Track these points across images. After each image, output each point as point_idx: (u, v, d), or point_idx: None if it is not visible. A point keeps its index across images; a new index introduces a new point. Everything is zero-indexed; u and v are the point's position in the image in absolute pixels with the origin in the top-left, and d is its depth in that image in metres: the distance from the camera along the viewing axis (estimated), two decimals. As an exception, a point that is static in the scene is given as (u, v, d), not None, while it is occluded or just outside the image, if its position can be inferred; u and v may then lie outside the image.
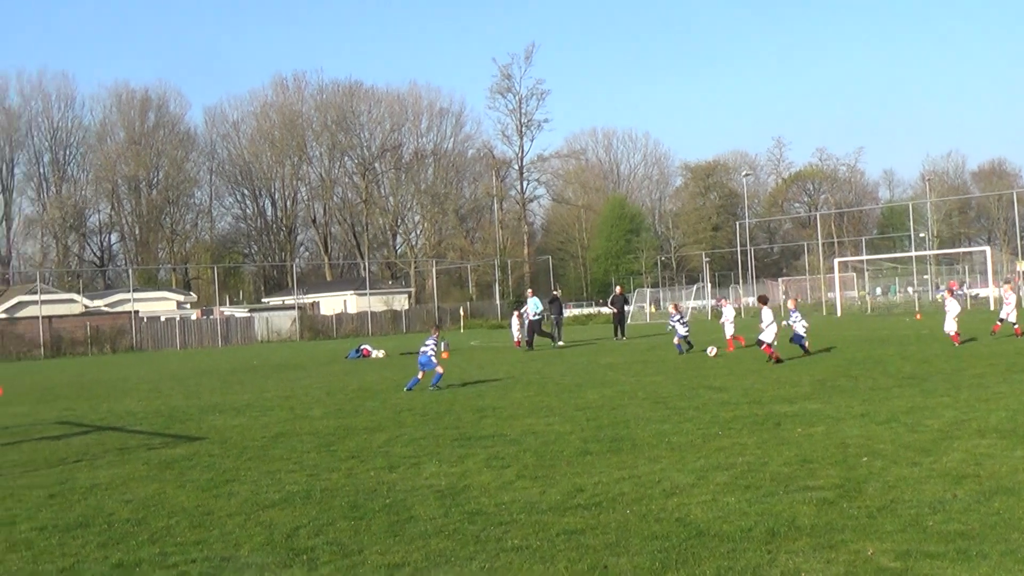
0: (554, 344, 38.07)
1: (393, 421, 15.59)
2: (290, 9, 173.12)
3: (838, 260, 72.66)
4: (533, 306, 36.92)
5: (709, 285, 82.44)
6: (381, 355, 37.35)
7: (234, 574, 7.11)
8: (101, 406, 21.19)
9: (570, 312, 78.70)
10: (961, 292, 70.94)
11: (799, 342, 25.08)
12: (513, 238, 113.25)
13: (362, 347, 38.90)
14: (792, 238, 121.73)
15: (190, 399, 21.87)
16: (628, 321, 47.68)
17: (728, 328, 31.14)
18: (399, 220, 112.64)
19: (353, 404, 18.67)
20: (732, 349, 29.39)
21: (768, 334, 23.83)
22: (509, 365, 28.17)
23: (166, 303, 78.04)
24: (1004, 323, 30.02)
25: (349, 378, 26.12)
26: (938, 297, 29.26)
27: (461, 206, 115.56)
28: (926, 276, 78.72)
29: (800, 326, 25.11)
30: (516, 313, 40.34)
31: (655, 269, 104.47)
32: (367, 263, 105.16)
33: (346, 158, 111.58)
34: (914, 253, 79.99)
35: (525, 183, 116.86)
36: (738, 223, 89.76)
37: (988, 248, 69.91)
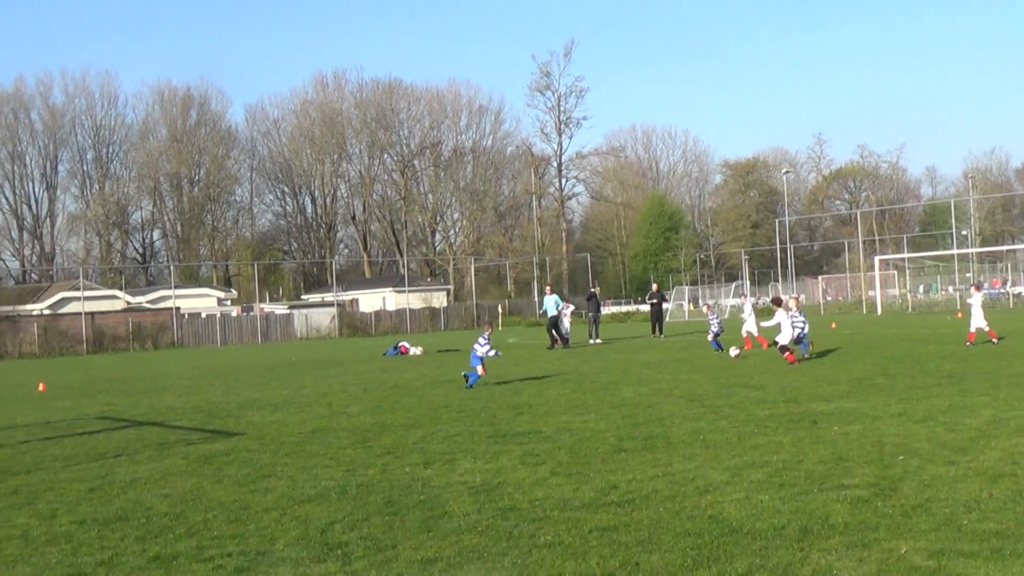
0: (591, 340, 38.08)
1: (429, 418, 15.65)
2: (330, 7, 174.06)
3: (879, 258, 72.18)
4: (552, 304, 36.89)
5: (748, 283, 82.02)
6: (419, 352, 37.46)
7: (269, 568, 7.19)
8: (141, 401, 21.41)
9: (608, 309, 78.58)
10: (999, 290, 70.29)
11: (801, 345, 24.79)
12: (551, 235, 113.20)
13: (400, 344, 39.03)
14: (832, 236, 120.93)
15: (229, 395, 22.05)
16: (666, 319, 47.59)
17: (750, 325, 30.27)
18: (438, 217, 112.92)
19: (390, 401, 18.75)
20: (749, 347, 28.73)
21: (784, 336, 23.57)
22: (546, 362, 28.19)
23: (207, 300, 78.65)
24: None
25: (386, 375, 26.23)
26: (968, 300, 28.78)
27: (500, 203, 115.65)
28: (968, 274, 77.97)
29: (800, 329, 24.75)
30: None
31: (694, 267, 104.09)
32: (406, 260, 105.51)
33: (385, 155, 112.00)
34: (956, 251, 79.25)
35: (564, 180, 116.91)
36: (778, 221, 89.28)
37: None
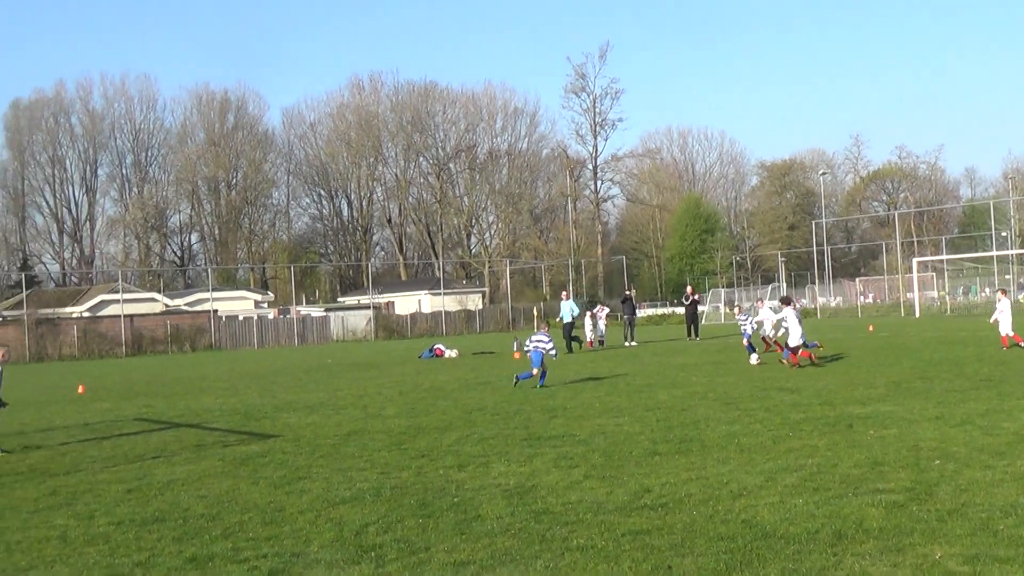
0: (627, 343, 38.06)
1: (464, 420, 15.70)
2: (366, 11, 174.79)
3: (917, 260, 71.59)
4: (568, 310, 36.64)
5: (785, 285, 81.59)
6: (454, 355, 37.55)
7: (304, 570, 7.24)
8: (179, 403, 21.59)
9: (644, 312, 78.41)
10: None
11: (808, 345, 24.33)
12: (587, 238, 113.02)
13: (435, 347, 39.13)
14: (870, 237, 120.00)
15: (265, 397, 22.20)
16: (702, 322, 47.44)
17: (767, 329, 28.74)
18: (473, 220, 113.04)
19: (425, 403, 18.82)
20: (768, 350, 28.01)
21: (794, 338, 23.34)
22: (581, 365, 28.19)
23: (244, 302, 79.15)
24: None
25: (422, 377, 26.32)
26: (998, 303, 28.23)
27: (535, 206, 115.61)
28: (1008, 276, 77.15)
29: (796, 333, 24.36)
30: (589, 313, 40.32)
31: (730, 269, 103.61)
32: (441, 263, 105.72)
33: (421, 158, 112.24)
34: (995, 253, 78.42)
35: (599, 183, 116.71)
36: (815, 222, 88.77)
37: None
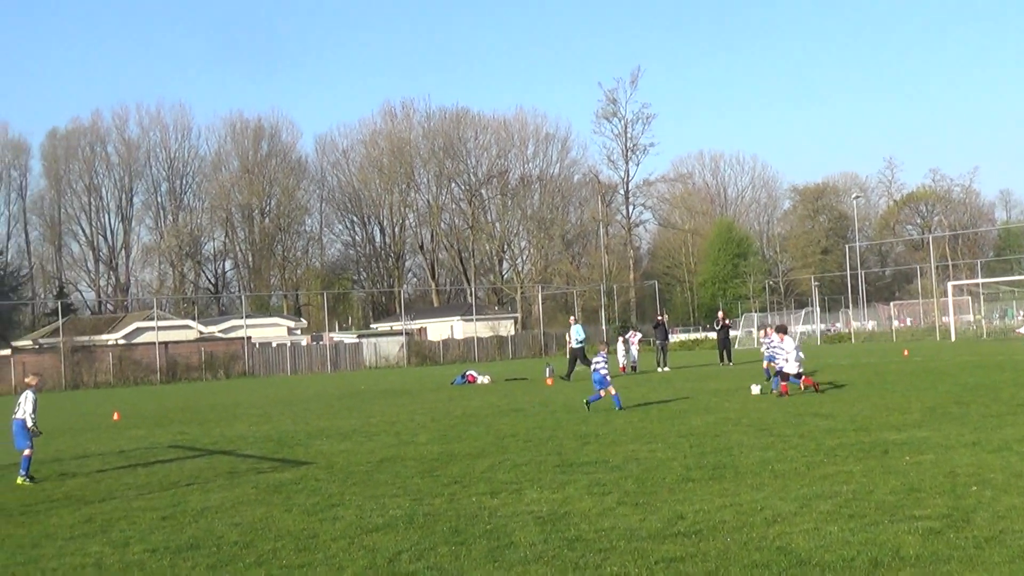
0: (659, 368, 37.97)
1: (496, 447, 15.68)
2: (398, 38, 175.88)
3: (952, 283, 71.06)
4: (576, 334, 36.58)
5: (818, 309, 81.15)
6: (487, 381, 37.54)
7: (337, 597, 7.25)
8: (213, 430, 21.69)
9: (676, 337, 78.16)
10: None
11: (792, 375, 23.75)
12: (619, 263, 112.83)
13: (468, 373, 39.16)
14: (904, 261, 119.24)
15: (298, 424, 22.26)
16: (735, 346, 47.25)
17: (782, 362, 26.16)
18: (505, 246, 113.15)
19: (457, 430, 18.82)
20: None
21: (791, 366, 23.08)
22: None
23: (277, 329, 79.48)
24: None
25: (454, 404, 26.32)
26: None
27: (567, 231, 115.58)
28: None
29: (782, 360, 24.15)
30: (622, 338, 40.24)
31: (763, 293, 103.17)
32: (473, 289, 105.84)
33: (453, 184, 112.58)
34: (1032, 276, 77.76)
35: (631, 208, 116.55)
36: (848, 246, 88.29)
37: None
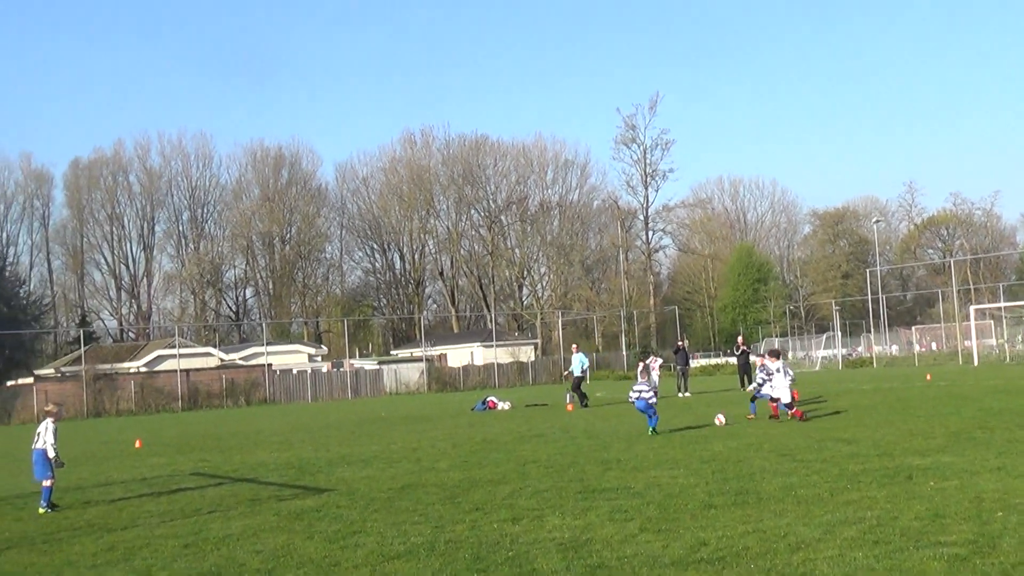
0: (680, 394, 37.86)
1: (517, 473, 15.65)
2: (417, 66, 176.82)
3: (974, 307, 70.67)
4: (578, 363, 36.35)
5: (840, 334, 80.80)
6: (507, 407, 37.49)
7: (359, 625, 7.23)
8: (234, 458, 21.72)
9: (697, 362, 77.92)
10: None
11: (761, 396, 24.10)
12: (639, 288, 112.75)
13: (488, 399, 39.11)
14: (926, 285, 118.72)
15: (319, 451, 22.27)
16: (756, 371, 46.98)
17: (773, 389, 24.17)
18: (525, 272, 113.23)
19: (478, 456, 18.79)
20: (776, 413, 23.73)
21: (780, 391, 22.94)
22: (636, 417, 27.99)
23: (298, 356, 79.58)
24: None
25: (475, 430, 26.29)
26: None
27: (587, 257, 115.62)
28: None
29: (768, 385, 24.13)
30: (642, 364, 40.12)
31: (784, 318, 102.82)
32: (493, 315, 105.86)
33: (473, 211, 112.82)
34: (1055, 299, 77.28)
35: (650, 233, 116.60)
36: (869, 271, 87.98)
37: None
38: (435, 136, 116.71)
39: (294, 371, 67.19)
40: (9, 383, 64.34)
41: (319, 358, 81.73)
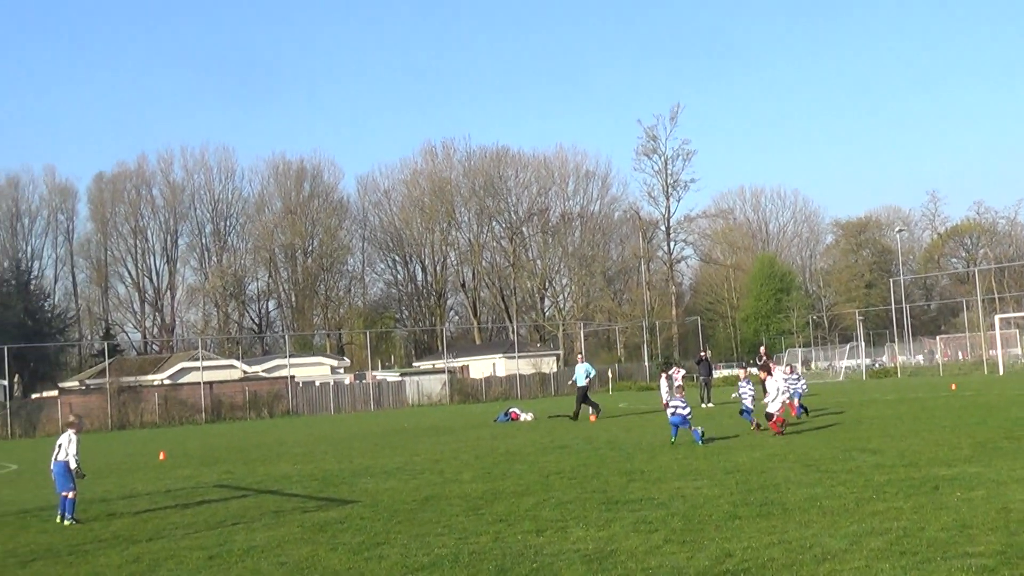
0: (703, 404, 37.75)
1: (541, 484, 15.62)
2: (438, 79, 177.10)
3: (999, 316, 70.23)
4: (583, 373, 36.14)
5: (863, 344, 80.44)
6: (530, 418, 37.47)
7: (384, 636, 7.22)
8: (258, 469, 21.76)
9: (720, 373, 77.69)
10: None
11: (747, 416, 24.05)
12: (661, 299, 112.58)
13: (511, 410, 39.09)
14: (950, 295, 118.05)
15: (343, 462, 22.29)
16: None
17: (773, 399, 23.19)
18: (547, 283, 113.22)
19: (501, 467, 18.77)
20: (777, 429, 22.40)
21: (774, 405, 22.77)
22: (658, 427, 27.92)
23: (321, 368, 79.76)
24: None
25: (497, 441, 26.26)
26: None
27: (608, 268, 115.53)
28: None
29: (748, 399, 24.05)
30: (665, 374, 40.02)
31: (807, 328, 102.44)
32: (515, 326, 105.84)
33: (494, 223, 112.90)
34: (1081, 308, 76.72)
35: (672, 244, 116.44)
36: (892, 280, 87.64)
37: None
38: (456, 148, 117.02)
39: (317, 383, 67.36)
40: (34, 396, 64.81)
41: (341, 370, 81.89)
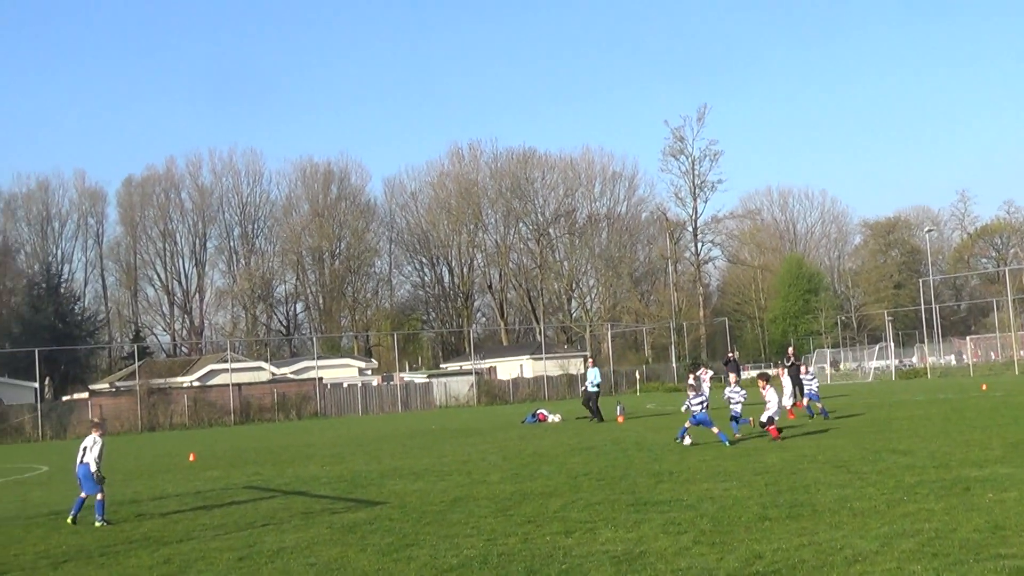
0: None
1: (569, 486, 15.60)
2: (464, 81, 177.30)
3: (1030, 317, 69.61)
4: (592, 377, 35.97)
5: (892, 344, 79.94)
6: (557, 419, 37.42)
7: (413, 637, 7.23)
8: (287, 471, 21.84)
9: (748, 374, 77.42)
10: None
11: (734, 425, 23.15)
12: (688, 300, 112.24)
13: (538, 412, 39.07)
14: (980, 295, 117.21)
15: (371, 464, 22.34)
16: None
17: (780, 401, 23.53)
18: (574, 284, 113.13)
19: (529, 469, 18.76)
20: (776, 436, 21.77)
21: (766, 414, 22.39)
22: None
23: (348, 370, 79.99)
24: None
25: (525, 443, 26.25)
26: None
27: (635, 269, 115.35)
28: None
29: (738, 405, 23.31)
30: (692, 375, 39.92)
31: (835, 329, 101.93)
32: (542, 327, 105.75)
33: (521, 224, 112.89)
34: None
35: (699, 244, 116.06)
36: (922, 280, 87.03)
37: None
38: (483, 150, 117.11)
39: (345, 385, 67.53)
40: (65, 398, 65.27)
41: (369, 372, 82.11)
